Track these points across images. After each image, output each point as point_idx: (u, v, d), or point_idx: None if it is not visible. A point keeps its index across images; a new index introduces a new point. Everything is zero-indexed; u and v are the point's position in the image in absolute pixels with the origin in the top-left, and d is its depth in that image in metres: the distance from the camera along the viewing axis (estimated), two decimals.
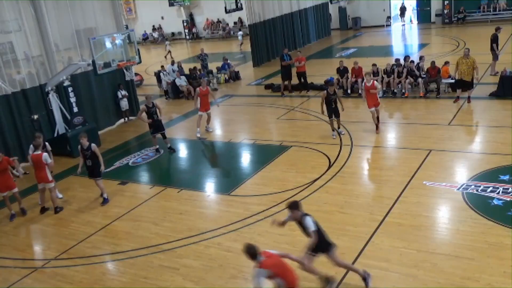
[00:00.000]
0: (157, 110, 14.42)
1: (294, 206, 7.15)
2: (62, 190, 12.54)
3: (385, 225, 9.14)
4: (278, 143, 14.44)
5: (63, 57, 16.96)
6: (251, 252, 6.27)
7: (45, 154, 11.35)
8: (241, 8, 29.88)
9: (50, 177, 11.42)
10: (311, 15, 32.77)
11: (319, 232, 7.12)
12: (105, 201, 11.72)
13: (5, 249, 10.24)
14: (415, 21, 37.48)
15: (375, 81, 13.85)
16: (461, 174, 11.02)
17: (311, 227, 7.01)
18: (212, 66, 25.42)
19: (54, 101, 15.27)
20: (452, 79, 16.76)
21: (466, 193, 9.95)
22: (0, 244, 10.48)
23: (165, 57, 34.08)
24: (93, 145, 11.48)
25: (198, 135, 15.80)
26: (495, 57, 18.70)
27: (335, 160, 12.53)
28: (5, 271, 9.40)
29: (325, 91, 13.84)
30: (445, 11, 34.33)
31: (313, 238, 6.98)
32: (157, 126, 14.48)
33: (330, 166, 12.15)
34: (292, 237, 9.14)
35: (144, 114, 14.36)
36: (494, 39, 18.57)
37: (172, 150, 14.77)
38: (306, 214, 7.16)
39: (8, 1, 14.88)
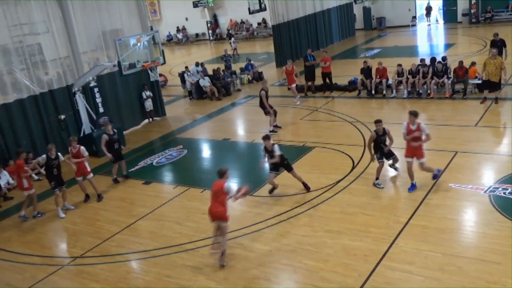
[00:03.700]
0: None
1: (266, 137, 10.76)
2: (88, 188, 12.66)
3: (410, 228, 9.04)
4: (301, 143, 14.40)
5: (90, 58, 17.24)
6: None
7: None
8: (265, 9, 29.86)
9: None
10: (334, 15, 32.58)
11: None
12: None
13: (33, 246, 10.46)
14: (441, 21, 36.90)
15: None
16: (488, 176, 10.83)
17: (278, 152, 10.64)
18: (236, 66, 25.50)
19: (80, 101, 15.52)
20: (479, 79, 16.48)
21: (493, 195, 9.77)
22: (28, 241, 10.73)
23: (233, 54, 33.89)
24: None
25: (298, 102, 18.66)
26: None
27: (359, 161, 12.44)
28: (32, 268, 9.61)
29: (374, 132, 10.88)
30: (472, 11, 33.74)
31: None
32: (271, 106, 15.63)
33: (353, 167, 12.06)
34: (315, 238, 9.12)
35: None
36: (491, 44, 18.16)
37: (279, 127, 15.92)
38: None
39: (36, 3, 15.17)
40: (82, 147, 12.07)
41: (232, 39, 36.91)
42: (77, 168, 11.96)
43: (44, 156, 11.53)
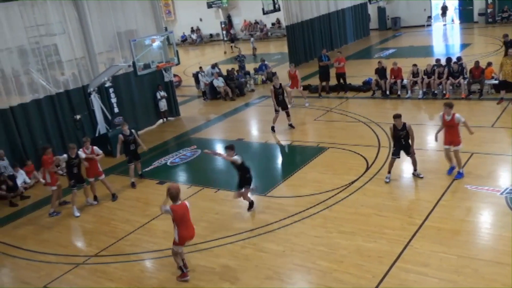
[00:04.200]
0: (284, 91, 15.81)
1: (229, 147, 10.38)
2: (100, 188, 12.76)
3: (425, 229, 8.97)
4: (315, 144, 14.36)
5: (105, 58, 17.38)
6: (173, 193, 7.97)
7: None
8: (279, 9, 29.82)
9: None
10: (349, 16, 32.43)
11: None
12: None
13: (49, 244, 10.57)
14: (457, 21, 36.53)
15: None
16: (505, 178, 10.69)
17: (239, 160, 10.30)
18: (250, 67, 25.52)
19: (96, 101, 15.67)
20: (495, 80, 16.29)
21: (510, 197, 9.64)
22: (44, 239, 10.85)
23: (252, 54, 33.78)
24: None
25: (306, 104, 18.57)
26: None
27: (373, 162, 12.37)
28: (48, 266, 9.71)
29: (392, 125, 10.99)
30: (489, 10, 33.33)
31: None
32: (283, 104, 15.75)
33: (368, 168, 12.00)
34: (328, 239, 9.09)
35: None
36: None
37: (292, 127, 15.95)
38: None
39: (52, 4, 15.33)
40: (95, 147, 12.16)
41: (252, 39, 37.00)
42: (90, 169, 12.04)
43: (65, 155, 11.69)
